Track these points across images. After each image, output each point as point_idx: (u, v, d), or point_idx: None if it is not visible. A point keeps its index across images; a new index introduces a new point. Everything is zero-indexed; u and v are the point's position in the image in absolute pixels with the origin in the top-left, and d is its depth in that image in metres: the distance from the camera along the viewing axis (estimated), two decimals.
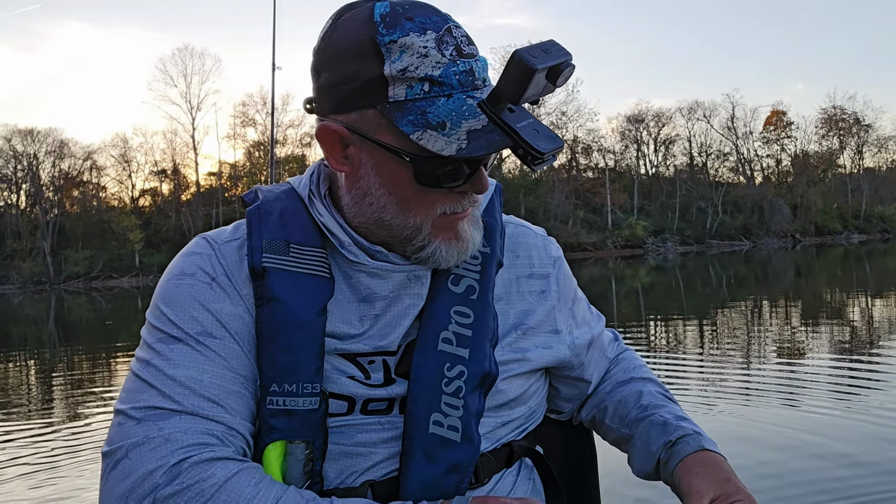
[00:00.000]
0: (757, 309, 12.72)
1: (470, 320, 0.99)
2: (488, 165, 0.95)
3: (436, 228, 0.95)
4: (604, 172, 60.74)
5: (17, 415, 6.89)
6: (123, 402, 0.89)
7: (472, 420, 0.96)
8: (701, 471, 0.98)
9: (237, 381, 0.91)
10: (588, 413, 1.21)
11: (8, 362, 11.71)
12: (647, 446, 1.08)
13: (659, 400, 1.14)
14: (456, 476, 0.95)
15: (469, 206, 0.96)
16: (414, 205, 0.93)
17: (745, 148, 64.97)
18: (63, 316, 22.83)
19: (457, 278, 1.01)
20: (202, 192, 56.34)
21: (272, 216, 1.00)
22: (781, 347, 8.08)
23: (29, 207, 54.66)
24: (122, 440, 0.85)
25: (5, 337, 16.72)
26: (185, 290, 0.95)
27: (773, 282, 19.68)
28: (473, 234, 0.99)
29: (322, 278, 0.96)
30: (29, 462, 5.00)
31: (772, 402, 5.37)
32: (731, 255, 42.58)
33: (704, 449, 1.02)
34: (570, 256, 44.58)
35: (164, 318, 0.93)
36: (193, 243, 1.02)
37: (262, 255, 0.95)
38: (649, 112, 63.38)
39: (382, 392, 0.96)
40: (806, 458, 4.02)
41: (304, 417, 0.92)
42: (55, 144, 54.75)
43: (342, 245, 0.97)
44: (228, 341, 0.93)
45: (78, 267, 49.43)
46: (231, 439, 0.88)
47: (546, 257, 1.14)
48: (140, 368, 0.91)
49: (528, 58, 0.79)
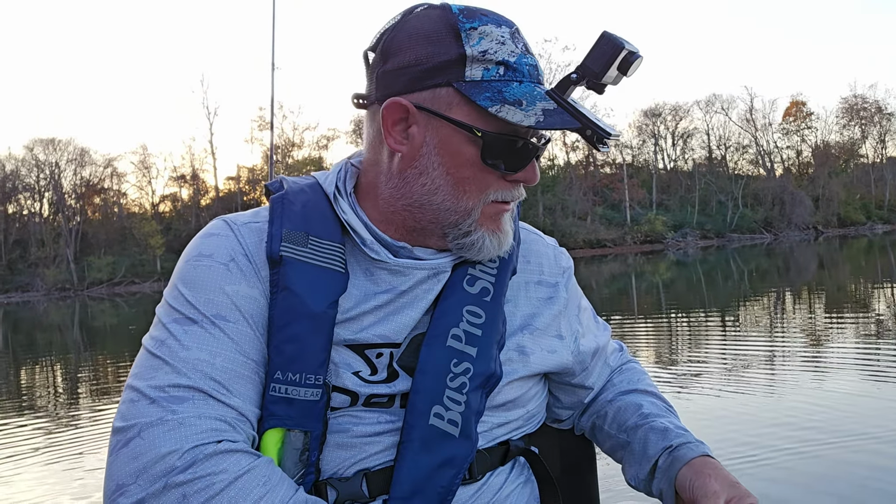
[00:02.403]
0: (780, 301, 12.58)
1: (481, 321, 1.01)
2: (539, 158, 1.01)
3: (484, 216, 0.99)
4: (621, 168, 60.46)
5: (43, 416, 6.98)
6: (137, 377, 0.90)
7: (471, 417, 0.98)
8: (712, 473, 0.99)
9: (248, 366, 0.92)
10: (588, 420, 1.22)
11: (35, 366, 11.87)
12: (644, 451, 1.08)
13: (661, 410, 1.15)
14: (450, 471, 0.96)
15: (518, 197, 1.01)
16: (470, 186, 0.97)
17: (764, 140, 64.46)
18: (87, 322, 23.11)
19: (472, 279, 1.03)
20: (221, 197, 56.80)
21: (295, 206, 1.01)
22: (806, 338, 7.98)
23: (52, 215, 55.48)
24: (136, 418, 0.86)
25: (31, 343, 16.96)
26: (203, 272, 0.95)
27: (795, 274, 19.47)
28: (509, 230, 1.03)
29: (337, 272, 0.97)
30: (53, 461, 5.06)
31: (798, 394, 5.31)
32: (752, 248, 42.16)
33: (708, 455, 1.04)
34: (589, 253, 44.23)
35: (182, 299, 0.94)
36: (212, 225, 1.03)
37: (281, 243, 0.96)
38: (666, 106, 63.12)
39: (385, 388, 0.97)
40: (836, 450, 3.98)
41: (305, 407, 0.93)
42: (76, 152, 55.62)
43: (364, 242, 0.99)
44: (242, 325, 0.93)
45: (101, 273, 50.08)
46: (241, 425, 0.90)
47: (556, 266, 1.16)
48: (155, 346, 0.91)
49: (617, 38, 0.87)
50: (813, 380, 5.88)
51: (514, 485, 1.08)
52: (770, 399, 5.30)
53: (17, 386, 9.95)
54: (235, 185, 57.65)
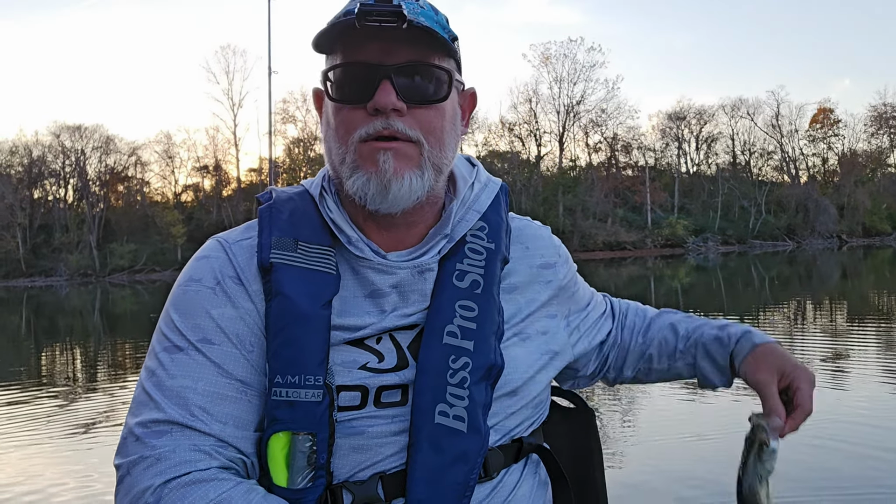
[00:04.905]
0: (800, 310, 12.44)
1: (474, 314, 1.02)
2: (382, 82, 0.97)
3: (361, 157, 0.99)
4: (644, 170, 60.00)
5: (63, 397, 7.07)
6: (130, 414, 0.96)
7: (478, 410, 0.98)
8: (760, 365, 1.11)
9: (232, 387, 0.96)
10: (632, 369, 1.28)
11: (55, 351, 12.03)
12: (715, 365, 1.19)
13: (690, 323, 1.26)
14: (464, 466, 0.96)
15: (383, 129, 0.97)
16: (340, 130, 1.00)
17: (789, 146, 63.62)
18: (108, 308, 23.39)
19: (462, 274, 1.04)
20: (243, 188, 57.15)
21: (283, 215, 1.04)
22: (827, 349, 7.88)
23: (76, 202, 56.15)
24: (125, 457, 0.92)
25: (53, 327, 17.19)
26: (191, 297, 1.00)
27: (818, 283, 19.23)
28: (410, 175, 0.99)
29: (328, 274, 0.99)
30: (74, 445, 5.12)
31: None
32: (774, 255, 41.72)
33: (755, 345, 1.14)
34: (608, 255, 44.03)
35: (171, 325, 0.99)
36: (205, 246, 1.07)
37: (271, 251, 0.99)
38: (691, 109, 62.43)
39: (395, 378, 0.98)
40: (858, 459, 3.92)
41: (307, 409, 0.93)
42: (101, 140, 56.16)
43: (349, 241, 1.01)
44: (227, 346, 0.97)
45: (122, 260, 50.63)
46: (220, 451, 0.93)
47: (551, 247, 1.19)
48: (145, 379, 0.97)
49: None
50: (834, 391, 5.81)
51: (529, 483, 1.09)
52: None
53: (38, 368, 10.09)
54: (257, 178, 57.99)
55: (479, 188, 1.13)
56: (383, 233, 1.04)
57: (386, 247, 1.04)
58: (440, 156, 1.01)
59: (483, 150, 58.84)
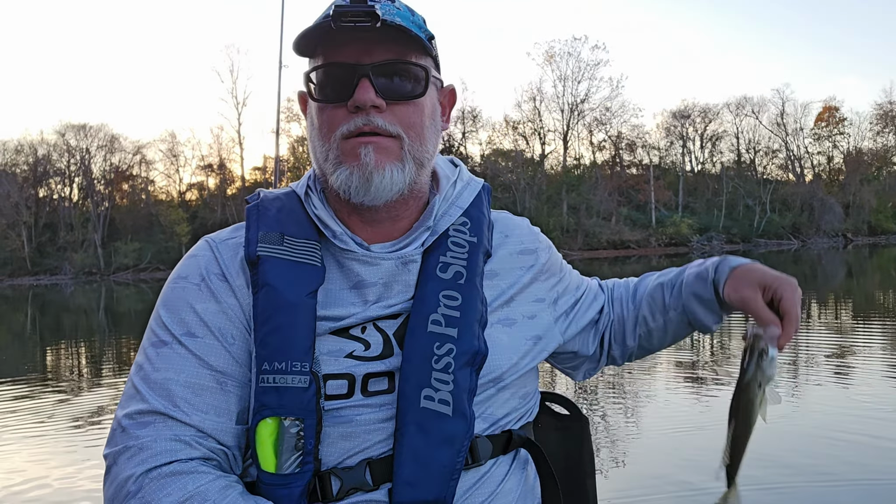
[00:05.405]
0: (805, 308, 12.41)
1: (458, 303, 1.05)
2: (362, 81, 1.01)
3: (343, 154, 1.03)
4: (648, 169, 59.94)
5: (67, 393, 7.10)
6: (119, 407, 1.00)
7: (463, 395, 1.00)
8: (742, 283, 1.11)
9: (213, 377, 0.99)
10: (633, 336, 1.29)
11: (59, 349, 12.07)
12: (702, 302, 1.20)
13: (669, 273, 1.28)
14: (450, 449, 0.98)
15: (363, 125, 1.01)
16: (323, 129, 1.04)
17: (794, 145, 63.40)
18: (112, 306, 23.46)
19: (445, 266, 1.07)
20: (247, 187, 57.23)
21: (270, 212, 1.09)
22: (831, 347, 7.86)
23: (81, 200, 56.33)
24: (112, 447, 0.96)
25: (58, 325, 17.25)
26: (178, 293, 1.05)
27: (822, 281, 19.18)
28: (391, 168, 1.03)
29: (313, 266, 1.03)
30: (78, 439, 5.14)
31: (824, 402, 5.22)
32: (778, 254, 41.63)
33: (733, 267, 1.15)
34: (612, 254, 43.98)
35: (159, 321, 1.04)
36: (195, 246, 1.11)
37: (258, 245, 1.04)
38: (696, 108, 62.26)
39: (381, 365, 1.00)
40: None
41: (294, 395, 0.96)
42: (106, 139, 56.34)
43: (335, 235, 1.05)
44: (209, 339, 1.01)
45: (127, 259, 50.82)
46: (200, 441, 0.96)
47: (531, 234, 1.23)
48: (133, 373, 1.02)
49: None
50: (838, 388, 5.79)
51: (517, 478, 1.10)
52: (793, 408, 5.23)
53: (43, 365, 10.12)
54: (261, 176, 58.09)
55: (462, 186, 1.17)
56: (368, 227, 1.08)
57: (371, 241, 1.07)
58: (421, 150, 1.05)
59: (487, 149, 58.94)
